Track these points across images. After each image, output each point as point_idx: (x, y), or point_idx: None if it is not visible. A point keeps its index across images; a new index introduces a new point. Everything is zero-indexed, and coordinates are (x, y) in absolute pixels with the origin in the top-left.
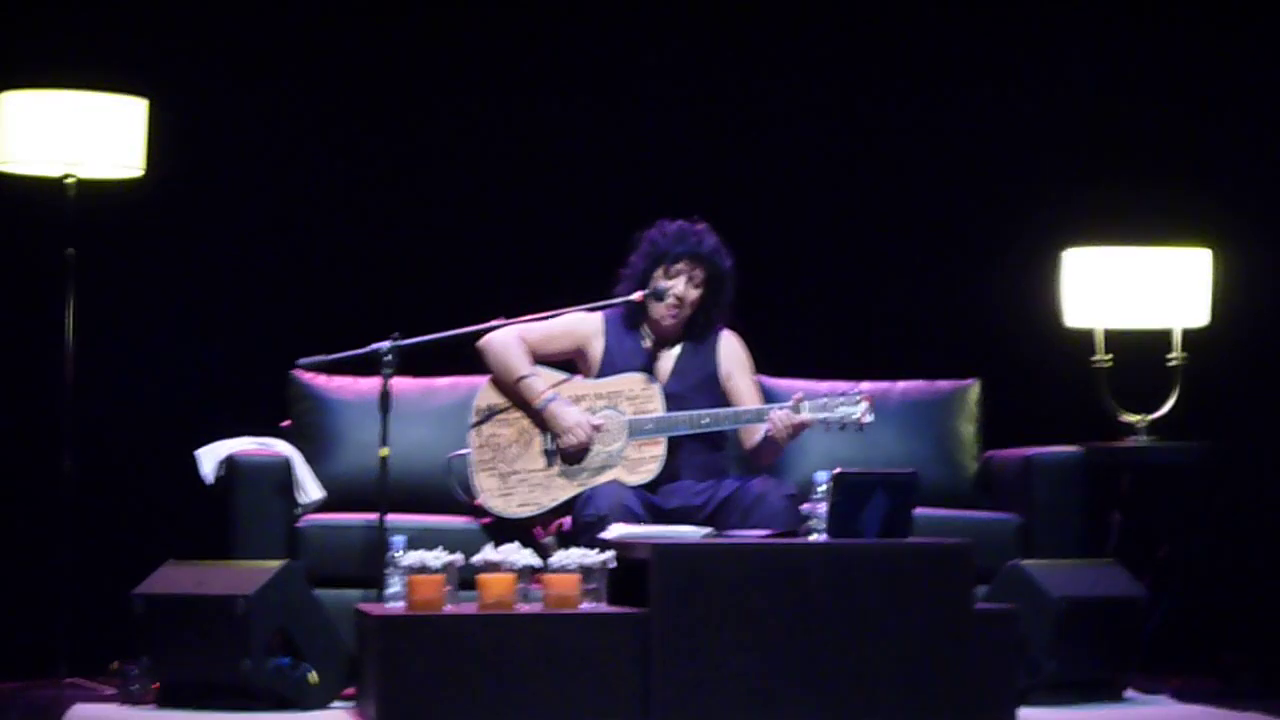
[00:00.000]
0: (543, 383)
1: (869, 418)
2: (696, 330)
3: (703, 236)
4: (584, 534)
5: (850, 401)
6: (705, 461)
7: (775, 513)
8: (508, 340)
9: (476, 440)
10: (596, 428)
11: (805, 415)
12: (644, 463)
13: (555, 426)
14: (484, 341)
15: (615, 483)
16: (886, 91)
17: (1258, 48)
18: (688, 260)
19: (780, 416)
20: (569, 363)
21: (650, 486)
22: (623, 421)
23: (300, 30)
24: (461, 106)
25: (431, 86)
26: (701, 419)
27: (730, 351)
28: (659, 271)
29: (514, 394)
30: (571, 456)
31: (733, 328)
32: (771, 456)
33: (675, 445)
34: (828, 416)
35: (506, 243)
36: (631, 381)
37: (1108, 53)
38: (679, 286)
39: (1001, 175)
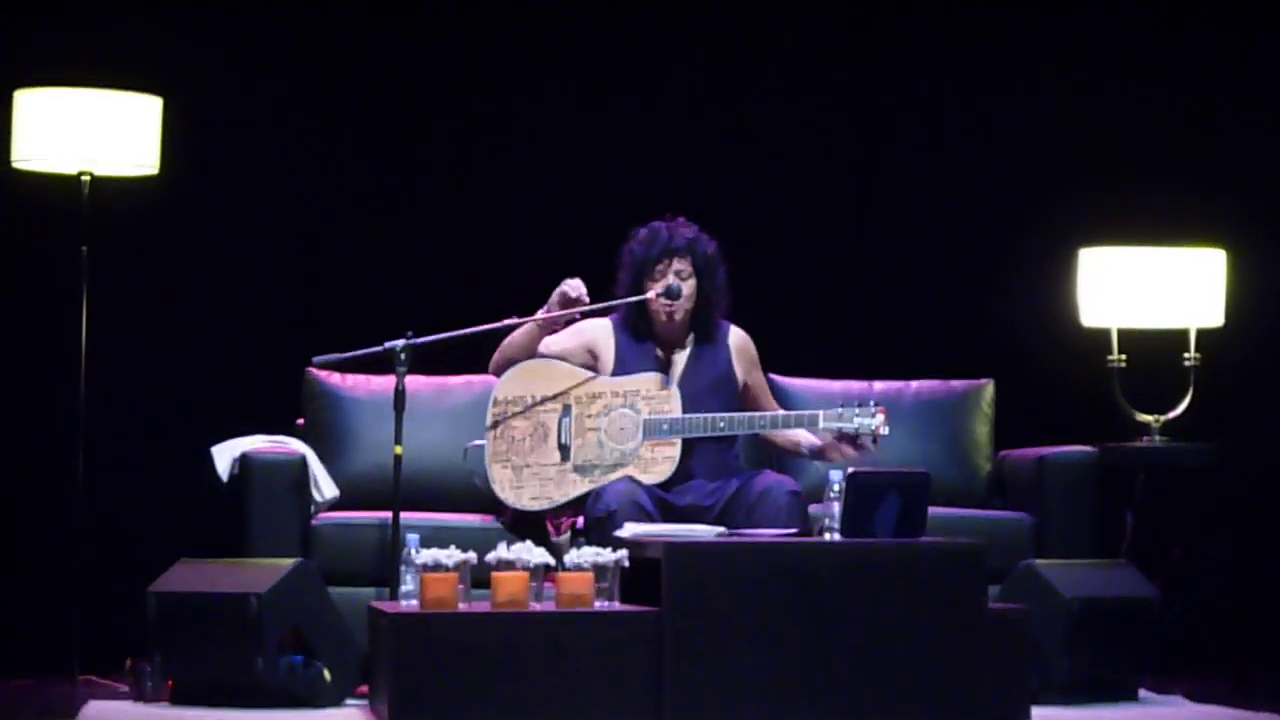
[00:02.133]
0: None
1: (885, 430)
2: (702, 326)
3: (674, 230)
4: (594, 530)
5: (867, 414)
6: (717, 460)
7: (779, 509)
8: (511, 339)
9: (493, 432)
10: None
11: (821, 425)
12: (657, 463)
13: (553, 310)
14: (491, 365)
15: (627, 479)
16: (902, 91)
17: (1273, 49)
18: (665, 259)
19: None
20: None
21: (665, 486)
22: (638, 421)
23: (314, 30)
24: (475, 104)
25: (445, 84)
26: (718, 422)
27: (741, 352)
28: (647, 280)
29: (526, 377)
30: (566, 300)
31: (738, 322)
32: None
33: (689, 446)
34: (843, 427)
35: (521, 242)
36: (649, 382)
37: (1124, 53)
38: (672, 283)
39: (1017, 175)
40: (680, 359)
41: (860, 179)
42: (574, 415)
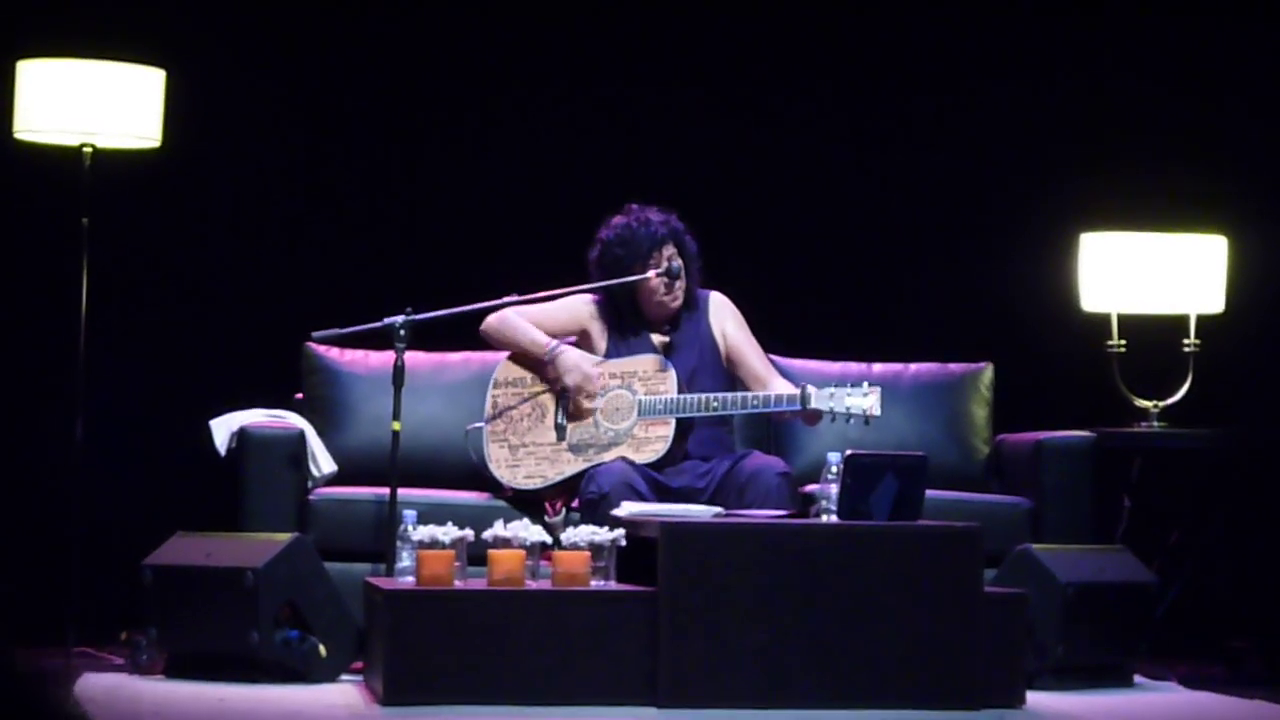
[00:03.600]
0: (545, 335)
1: (878, 411)
2: (686, 299)
3: (648, 220)
4: (587, 511)
5: (860, 394)
6: (712, 438)
7: (769, 490)
8: (504, 315)
9: (492, 411)
10: (590, 375)
11: (813, 406)
12: (651, 442)
13: (558, 372)
14: (484, 326)
15: (621, 460)
16: (903, 73)
17: (1275, 35)
18: (656, 250)
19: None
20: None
21: (658, 465)
22: (634, 401)
23: (315, 4)
24: (474, 80)
25: (445, 60)
26: (711, 402)
27: (718, 310)
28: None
29: (526, 360)
30: (577, 404)
31: (737, 302)
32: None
33: (684, 425)
34: (834, 407)
35: (520, 219)
36: (646, 363)
37: (1125, 36)
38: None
39: (1020, 158)
40: (668, 337)
41: (861, 161)
42: (571, 396)
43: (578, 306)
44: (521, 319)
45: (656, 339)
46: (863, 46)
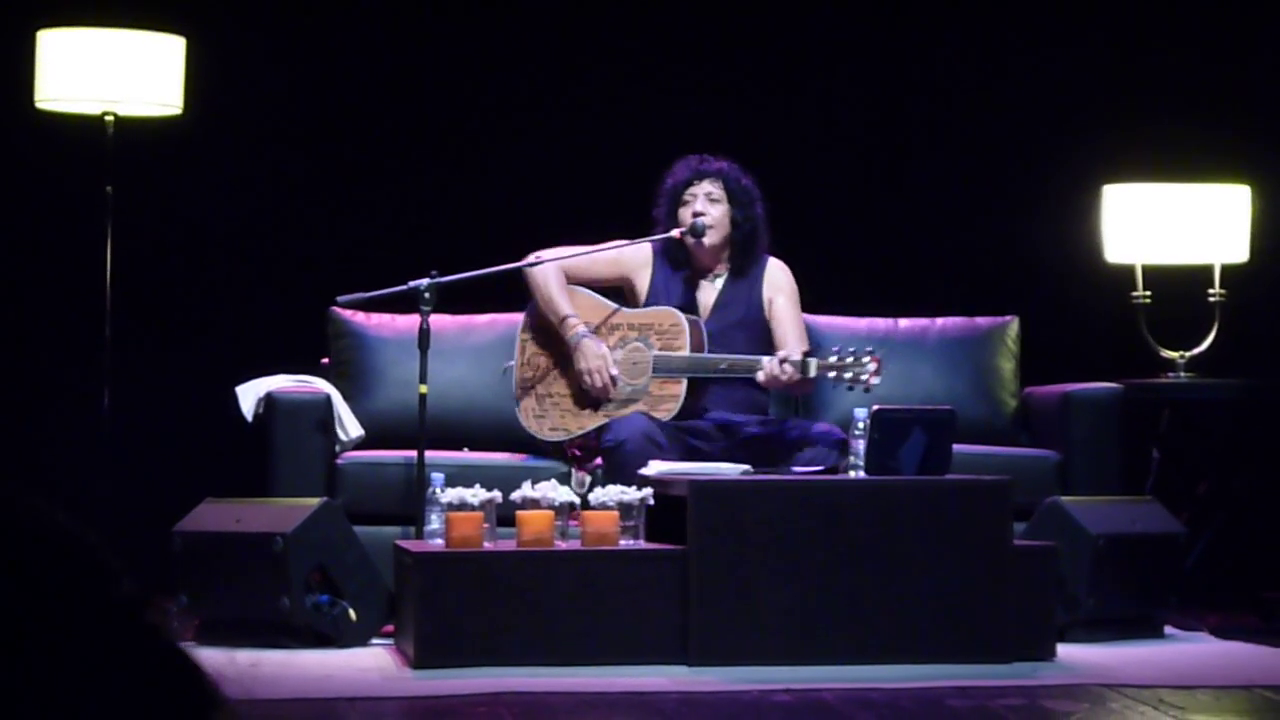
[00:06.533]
0: (578, 319)
1: (876, 380)
2: (738, 256)
3: (706, 159)
4: (606, 459)
5: (859, 366)
6: (745, 397)
7: (824, 456)
8: (548, 274)
9: (521, 358)
10: (614, 378)
11: (813, 374)
12: (664, 400)
13: (578, 363)
14: (529, 273)
15: (639, 415)
16: (928, 28)
17: None
18: (696, 180)
19: (771, 368)
20: (616, 291)
21: (682, 419)
22: (649, 357)
23: None
24: (501, 40)
25: (472, 20)
26: (720, 364)
27: (775, 280)
28: (682, 208)
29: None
30: (591, 397)
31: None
32: (799, 390)
33: (700, 384)
34: (834, 376)
35: (545, 180)
36: (663, 315)
37: None
38: (699, 205)
39: (1042, 111)
40: (713, 292)
41: (885, 116)
42: (583, 380)
43: (627, 257)
44: (562, 280)
45: (705, 286)
46: (887, 6)
